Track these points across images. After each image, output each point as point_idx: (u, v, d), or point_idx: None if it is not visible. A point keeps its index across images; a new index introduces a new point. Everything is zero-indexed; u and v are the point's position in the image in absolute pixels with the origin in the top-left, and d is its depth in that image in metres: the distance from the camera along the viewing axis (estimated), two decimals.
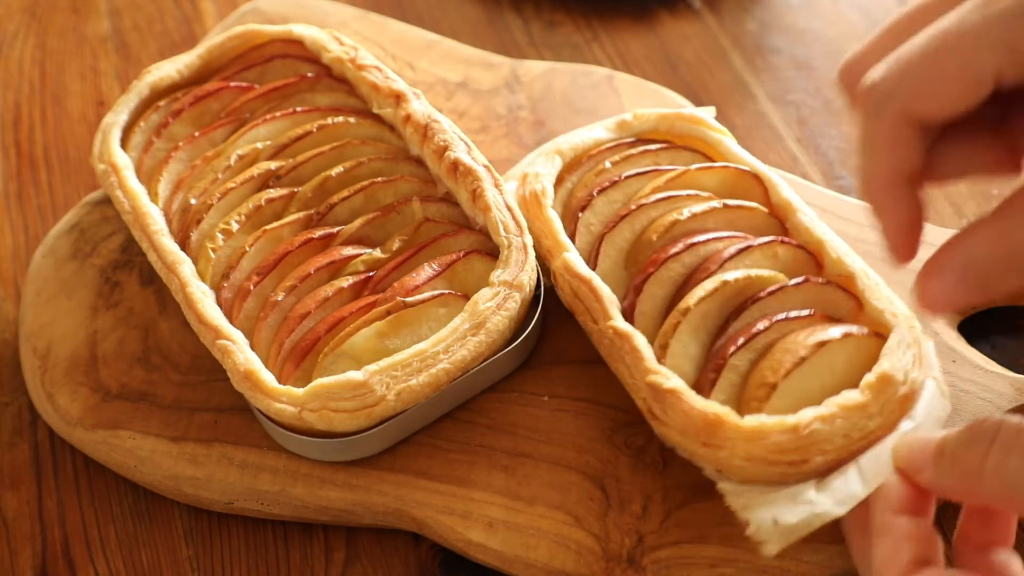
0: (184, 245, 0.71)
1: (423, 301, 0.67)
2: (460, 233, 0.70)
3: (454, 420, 0.68)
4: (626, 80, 0.84)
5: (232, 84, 0.79)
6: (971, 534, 0.56)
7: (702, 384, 0.62)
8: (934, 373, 0.62)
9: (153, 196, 0.74)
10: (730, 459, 0.59)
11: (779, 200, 0.69)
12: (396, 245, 0.70)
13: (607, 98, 0.83)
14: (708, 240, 0.66)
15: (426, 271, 0.68)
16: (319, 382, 0.64)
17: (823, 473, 0.58)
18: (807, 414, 0.58)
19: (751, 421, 0.58)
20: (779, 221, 0.69)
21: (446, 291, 0.68)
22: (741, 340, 0.62)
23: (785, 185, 0.70)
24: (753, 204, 0.69)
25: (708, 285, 0.64)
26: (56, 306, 0.75)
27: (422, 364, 0.64)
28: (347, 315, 0.66)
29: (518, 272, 0.67)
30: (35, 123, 0.92)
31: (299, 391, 0.64)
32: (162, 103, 0.79)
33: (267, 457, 0.67)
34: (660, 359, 0.62)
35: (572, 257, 0.67)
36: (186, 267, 0.69)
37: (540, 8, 0.97)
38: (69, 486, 0.71)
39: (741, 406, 0.61)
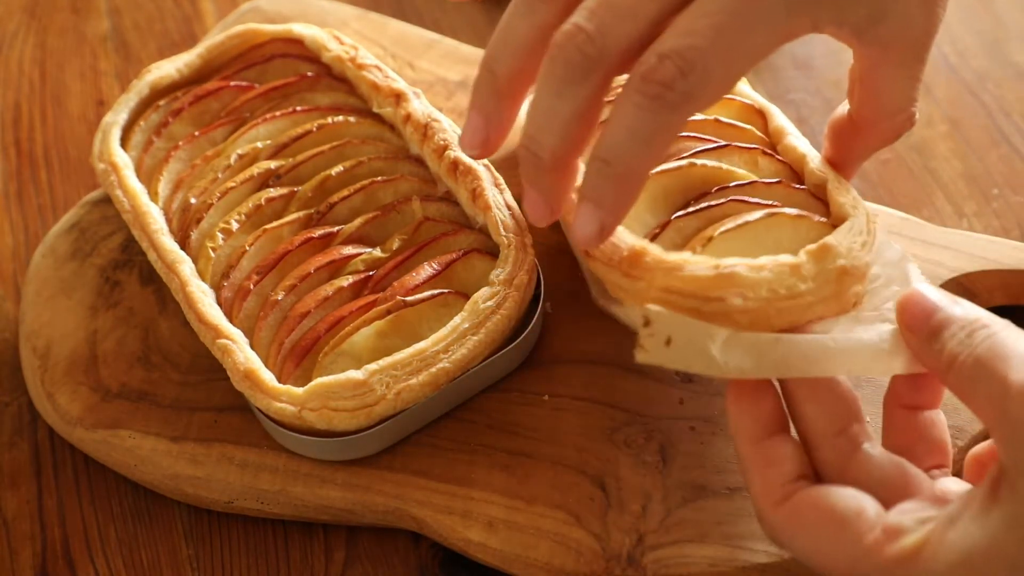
0: (184, 244, 0.71)
1: (423, 300, 0.67)
2: (460, 232, 0.70)
3: (454, 419, 0.68)
4: (626, 79, 0.84)
5: (232, 83, 0.79)
6: (901, 395, 0.57)
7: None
8: (897, 277, 0.59)
9: (153, 195, 0.74)
10: (647, 291, 0.56)
11: (774, 127, 0.68)
12: (396, 244, 0.70)
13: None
14: (690, 137, 0.66)
15: (426, 270, 0.68)
16: (319, 381, 0.64)
17: (742, 328, 0.55)
18: (733, 259, 0.56)
19: (674, 255, 0.56)
20: (771, 144, 0.68)
21: (446, 290, 0.68)
22: (692, 207, 0.61)
23: (783, 115, 0.69)
24: (746, 125, 0.68)
25: (673, 163, 0.63)
26: (56, 305, 0.75)
27: (422, 363, 0.64)
28: (347, 314, 0.67)
29: (518, 271, 0.67)
30: (35, 122, 0.92)
31: (299, 390, 0.64)
32: (162, 102, 0.79)
33: (267, 456, 0.67)
34: None
35: None
36: (186, 266, 0.69)
37: None
38: (69, 485, 0.71)
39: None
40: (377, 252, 0.70)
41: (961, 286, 0.70)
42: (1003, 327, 0.53)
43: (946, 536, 0.50)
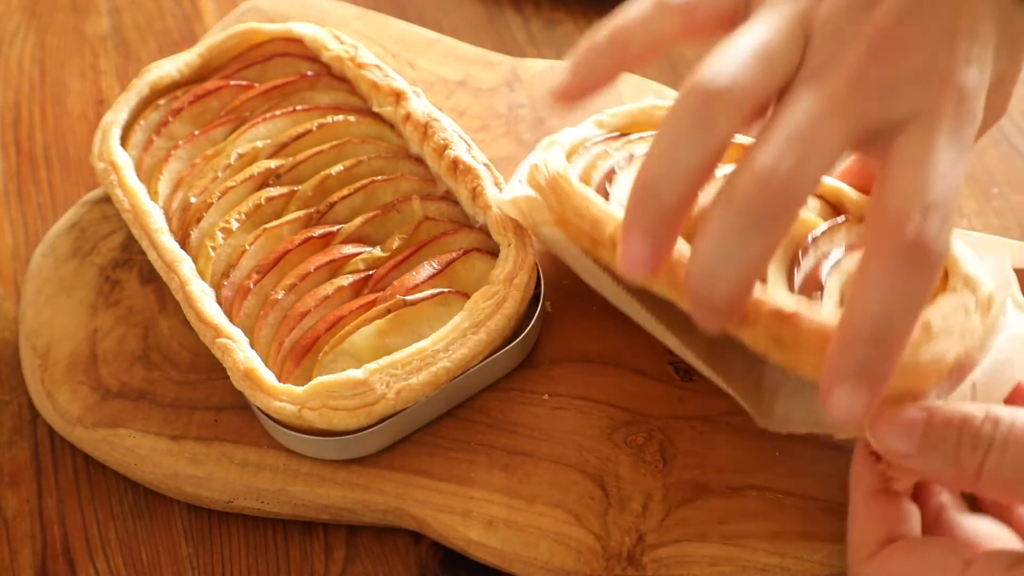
0: (184, 243, 0.71)
1: (423, 299, 0.67)
2: (460, 231, 0.70)
3: (454, 418, 0.68)
4: (626, 79, 0.84)
5: (232, 83, 0.79)
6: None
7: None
8: (1006, 289, 0.62)
9: (153, 195, 0.74)
10: None
11: None
12: (396, 243, 0.70)
13: (607, 97, 0.83)
14: None
15: (426, 269, 0.68)
16: (319, 380, 0.64)
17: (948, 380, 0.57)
18: (926, 312, 0.57)
19: None
20: None
21: (446, 289, 0.68)
22: (826, 264, 0.62)
23: None
24: None
25: None
26: (56, 305, 0.75)
27: (422, 362, 0.64)
28: (347, 313, 0.67)
29: (518, 270, 0.67)
30: (35, 121, 0.92)
31: (299, 389, 0.64)
32: (162, 101, 0.79)
33: (267, 456, 0.67)
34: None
35: None
36: (186, 265, 0.69)
37: (540, 7, 0.97)
38: (69, 484, 0.71)
39: None
40: (377, 251, 0.70)
41: None
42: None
43: None
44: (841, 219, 0.66)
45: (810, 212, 0.67)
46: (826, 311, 0.61)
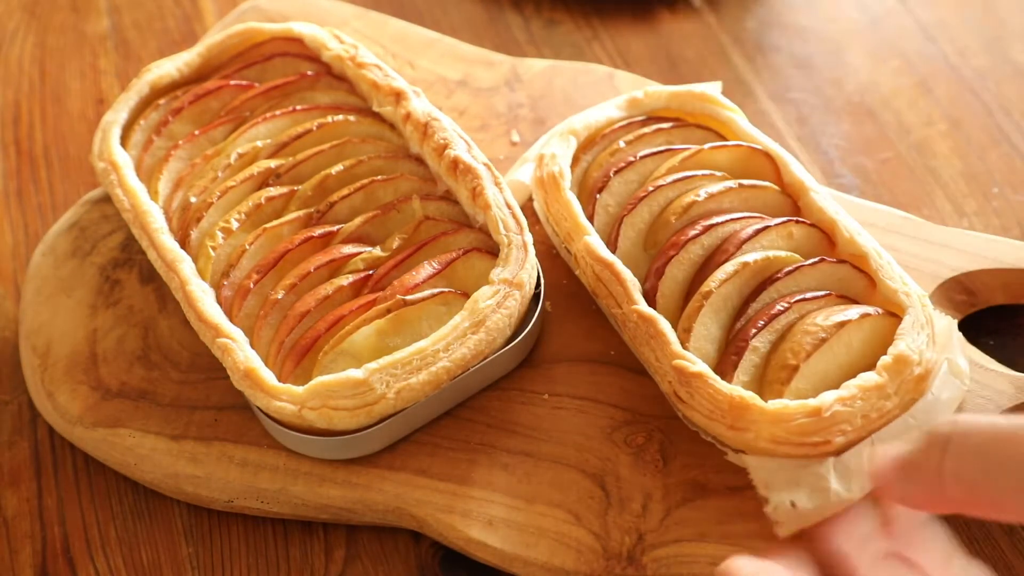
0: (184, 243, 0.71)
1: (423, 299, 0.67)
2: (460, 231, 0.70)
3: (454, 418, 0.68)
4: (626, 78, 0.84)
5: (232, 82, 0.79)
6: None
7: (725, 366, 0.63)
8: (949, 353, 0.63)
9: (153, 194, 0.74)
10: (755, 441, 0.60)
11: (791, 179, 0.70)
12: (396, 243, 0.70)
13: (608, 96, 0.83)
14: (725, 221, 0.67)
15: (426, 269, 0.68)
16: (319, 380, 0.63)
17: (843, 451, 0.59)
18: (828, 397, 0.59)
19: (775, 405, 0.59)
20: (792, 200, 0.70)
21: (446, 289, 0.68)
22: (761, 322, 0.63)
23: (796, 163, 0.71)
24: (767, 183, 0.70)
25: (728, 268, 0.65)
26: (56, 304, 0.75)
27: (422, 362, 0.64)
28: (347, 313, 0.66)
29: (518, 270, 0.67)
30: (35, 121, 0.91)
31: (299, 389, 0.64)
32: (162, 101, 0.79)
33: (267, 455, 0.67)
34: (683, 342, 0.63)
35: (593, 240, 0.67)
36: (186, 265, 0.69)
37: (540, 6, 0.97)
38: (69, 484, 0.71)
39: (763, 388, 0.62)
40: (377, 251, 0.70)
41: (961, 285, 0.70)
42: None
43: None
44: (812, 261, 0.66)
45: (776, 241, 0.67)
46: (742, 371, 0.63)
